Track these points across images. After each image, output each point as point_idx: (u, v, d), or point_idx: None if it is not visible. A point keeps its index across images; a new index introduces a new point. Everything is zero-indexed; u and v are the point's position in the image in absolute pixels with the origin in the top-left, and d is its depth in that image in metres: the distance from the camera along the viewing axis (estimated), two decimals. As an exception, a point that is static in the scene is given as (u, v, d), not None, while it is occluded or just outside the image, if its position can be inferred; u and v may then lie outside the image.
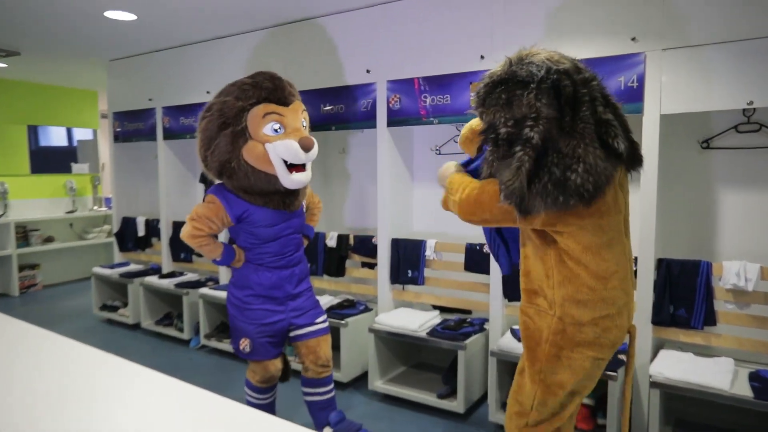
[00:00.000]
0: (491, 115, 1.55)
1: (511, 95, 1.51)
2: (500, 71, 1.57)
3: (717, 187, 2.65)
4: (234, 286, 2.37)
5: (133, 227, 4.84)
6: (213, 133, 2.21)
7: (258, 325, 2.33)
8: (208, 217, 2.21)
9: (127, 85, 4.74)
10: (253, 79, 2.25)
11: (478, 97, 1.60)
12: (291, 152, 2.18)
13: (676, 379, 2.31)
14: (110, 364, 1.35)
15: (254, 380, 2.44)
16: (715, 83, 2.31)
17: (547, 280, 1.62)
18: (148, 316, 4.44)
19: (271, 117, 2.20)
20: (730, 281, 2.37)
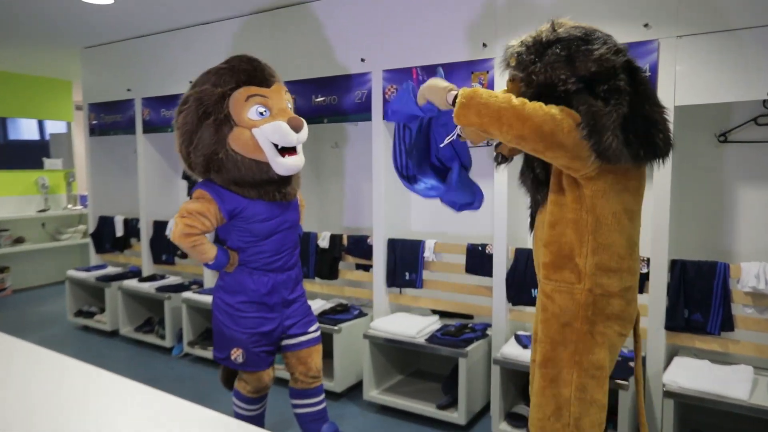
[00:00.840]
0: (545, 75, 1.57)
1: (575, 51, 1.55)
2: (545, 34, 1.61)
3: (735, 183, 2.65)
4: (224, 292, 2.33)
5: (111, 227, 4.81)
6: (193, 126, 2.19)
7: (252, 334, 2.29)
8: (200, 213, 2.17)
9: (103, 74, 4.71)
10: (228, 64, 2.24)
11: (525, 57, 1.61)
12: (281, 134, 2.16)
13: (691, 388, 2.31)
14: (86, 375, 1.34)
15: (245, 391, 2.43)
16: (733, 72, 2.31)
17: (580, 247, 1.61)
18: (127, 323, 4.42)
19: (255, 100, 2.18)
20: (748, 284, 2.37)
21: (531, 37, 1.64)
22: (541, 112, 1.50)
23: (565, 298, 1.63)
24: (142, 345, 4.30)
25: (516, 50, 1.66)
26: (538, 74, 1.58)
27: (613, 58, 1.55)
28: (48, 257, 6.30)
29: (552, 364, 1.66)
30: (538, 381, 1.69)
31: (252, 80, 2.21)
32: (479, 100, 1.53)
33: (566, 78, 1.54)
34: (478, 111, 1.53)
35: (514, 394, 2.87)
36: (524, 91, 1.63)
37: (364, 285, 3.62)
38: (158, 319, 4.36)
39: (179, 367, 3.87)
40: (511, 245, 2.92)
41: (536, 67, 1.59)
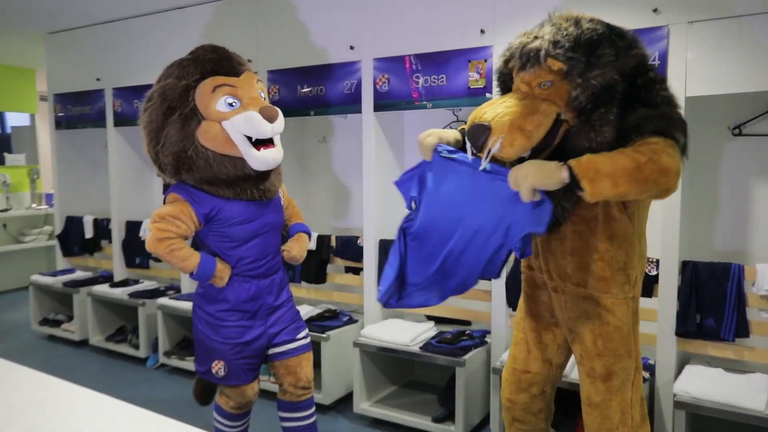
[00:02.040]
0: (603, 78, 1.64)
1: (617, 48, 1.66)
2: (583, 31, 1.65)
3: (750, 179, 2.67)
4: (203, 299, 2.30)
5: (79, 228, 4.77)
6: (159, 123, 2.16)
7: (234, 345, 2.27)
8: (174, 216, 2.13)
9: (70, 62, 4.67)
10: (193, 54, 2.22)
11: (576, 61, 1.64)
12: (253, 125, 2.12)
13: (703, 398, 2.33)
14: (53, 389, 1.33)
15: (227, 406, 2.41)
16: (747, 61, 2.32)
17: (632, 259, 1.81)
18: (97, 332, 4.39)
19: (222, 90, 2.15)
20: (764, 286, 2.40)
21: (565, 37, 1.65)
22: (668, 157, 1.59)
23: (623, 310, 1.83)
24: (113, 356, 4.27)
25: (554, 52, 1.64)
26: (597, 78, 1.63)
27: (646, 53, 1.74)
28: (10, 261, 6.23)
29: (616, 376, 1.84)
30: (601, 394, 1.85)
31: (218, 70, 2.18)
32: (605, 169, 1.55)
33: (619, 78, 1.65)
34: (615, 182, 1.56)
35: (516, 405, 2.88)
36: (577, 96, 1.65)
37: (354, 289, 3.62)
38: (131, 328, 4.33)
39: (155, 379, 3.85)
40: (512, 246, 2.92)
41: (595, 71, 1.63)
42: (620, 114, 1.65)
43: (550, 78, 1.68)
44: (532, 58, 1.67)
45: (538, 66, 1.67)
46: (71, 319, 4.63)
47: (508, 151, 1.68)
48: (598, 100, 1.64)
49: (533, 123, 1.67)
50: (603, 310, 1.82)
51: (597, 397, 1.86)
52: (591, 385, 1.87)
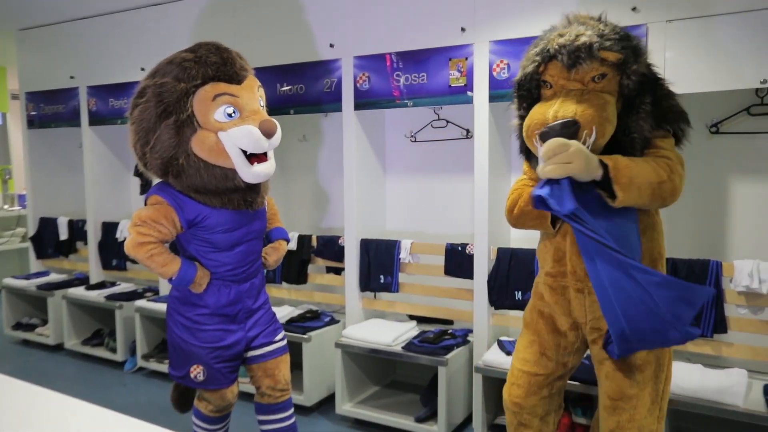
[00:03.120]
0: (642, 65, 1.80)
1: (638, 47, 1.82)
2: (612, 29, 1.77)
3: (727, 176, 2.72)
4: (180, 303, 2.26)
5: (54, 229, 4.71)
6: (151, 124, 2.08)
7: (213, 349, 2.24)
8: (155, 220, 2.08)
9: (42, 59, 4.60)
10: (195, 53, 2.11)
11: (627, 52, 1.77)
12: (251, 140, 2.07)
13: (683, 394, 2.37)
14: (27, 394, 1.30)
15: (206, 410, 2.39)
16: (724, 60, 2.36)
17: (662, 248, 1.92)
18: (72, 335, 4.34)
19: (223, 99, 2.08)
20: (742, 283, 2.44)
21: (604, 29, 1.76)
22: (681, 179, 1.77)
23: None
24: (90, 360, 4.22)
25: (607, 45, 1.72)
26: (642, 66, 1.79)
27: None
28: (-18, 264, 6.13)
29: (649, 366, 1.86)
30: (638, 385, 1.86)
31: (221, 75, 2.10)
32: (636, 182, 1.67)
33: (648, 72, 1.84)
34: (639, 193, 1.68)
35: (498, 404, 2.90)
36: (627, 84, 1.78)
37: (335, 290, 3.61)
38: (108, 331, 4.28)
39: (133, 383, 3.81)
40: (493, 245, 2.94)
41: (639, 59, 1.79)
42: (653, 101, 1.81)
43: (603, 70, 1.76)
44: (585, 53, 1.72)
45: (591, 60, 1.73)
46: (46, 323, 4.58)
47: (600, 142, 1.74)
48: (644, 87, 1.79)
49: (610, 111, 1.75)
50: None
51: (632, 389, 1.86)
52: (625, 378, 1.87)
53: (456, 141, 3.29)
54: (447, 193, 3.41)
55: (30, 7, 4.09)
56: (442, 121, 3.30)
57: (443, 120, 3.30)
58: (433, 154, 3.42)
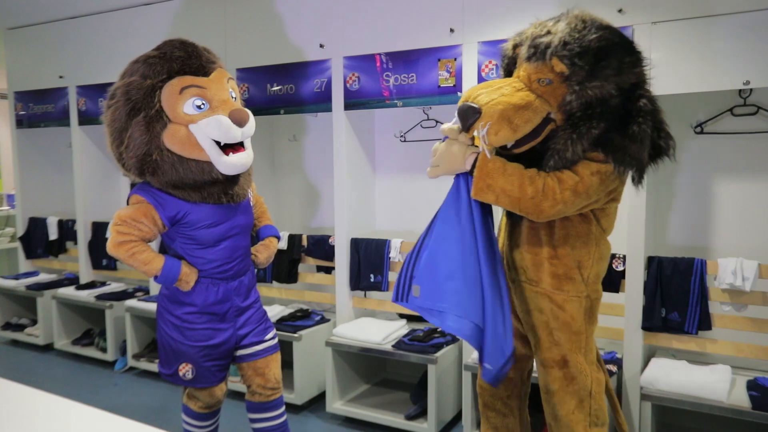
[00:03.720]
0: (601, 90, 1.67)
1: (622, 63, 1.69)
2: (594, 38, 1.67)
3: (711, 176, 2.75)
4: (169, 301, 2.26)
5: (43, 229, 4.68)
6: (123, 123, 2.08)
7: (202, 348, 2.24)
8: (135, 219, 2.07)
9: (31, 58, 4.56)
10: (159, 50, 2.12)
11: (579, 68, 1.66)
12: (222, 130, 2.05)
13: (668, 390, 2.40)
14: (17, 395, 1.30)
15: (195, 407, 2.39)
16: (709, 61, 2.39)
17: (588, 259, 1.86)
18: (63, 335, 4.31)
19: (190, 91, 2.06)
20: (726, 280, 2.47)
21: (576, 39, 1.66)
22: (555, 202, 1.71)
23: (575, 307, 1.86)
24: (80, 360, 4.20)
25: (561, 53, 1.67)
26: (594, 89, 1.66)
27: (647, 72, 1.76)
28: (-29, 264, 6.09)
29: (572, 364, 1.88)
30: (558, 381, 1.90)
31: (186, 69, 2.09)
32: (495, 188, 1.73)
33: (614, 92, 1.67)
34: (497, 199, 1.76)
35: (487, 401, 2.92)
36: (570, 101, 1.69)
37: (325, 288, 3.61)
38: (99, 331, 4.27)
39: (123, 382, 3.79)
40: (483, 244, 2.95)
41: (594, 82, 1.66)
42: (607, 128, 1.69)
43: (550, 77, 1.72)
44: (539, 53, 1.70)
45: (542, 61, 1.70)
46: (35, 323, 4.54)
47: (492, 138, 1.73)
48: (590, 109, 1.68)
49: (522, 118, 1.72)
50: (554, 306, 1.87)
51: (554, 384, 1.90)
52: (547, 373, 1.91)
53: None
54: (436, 193, 3.40)
55: (18, 6, 4.06)
56: (432, 121, 3.32)
57: (433, 120, 3.31)
58: (423, 153, 3.43)
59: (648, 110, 1.73)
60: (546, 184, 1.71)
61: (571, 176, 1.72)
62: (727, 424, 2.67)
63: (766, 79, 2.30)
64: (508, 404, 2.11)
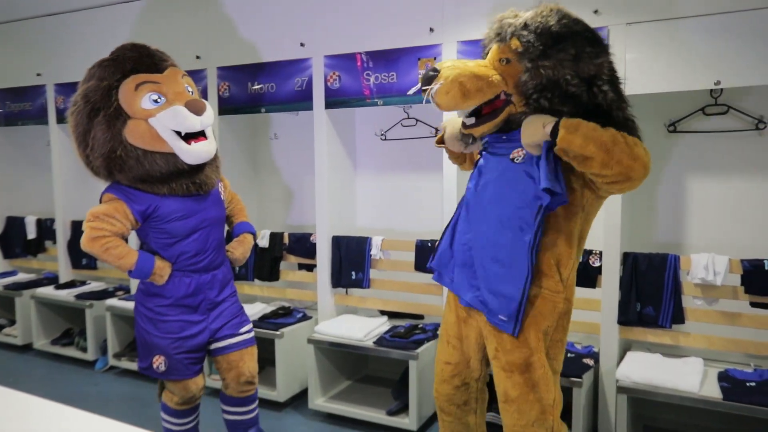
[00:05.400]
0: (554, 71, 1.67)
1: (581, 52, 1.68)
2: (552, 22, 1.68)
3: (685, 173, 2.80)
4: (144, 295, 2.30)
5: (21, 229, 4.63)
6: (85, 126, 2.15)
7: (174, 339, 2.27)
8: (107, 214, 2.12)
9: (7, 56, 4.48)
10: (113, 54, 2.22)
11: (533, 46, 1.67)
12: (179, 119, 2.11)
13: (643, 382, 2.44)
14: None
15: (172, 403, 2.39)
16: (681, 61, 2.43)
17: (567, 259, 1.80)
18: (41, 335, 4.25)
19: (146, 87, 2.13)
20: (698, 275, 2.52)
21: (537, 22, 1.69)
22: (646, 154, 1.65)
23: (547, 306, 1.79)
24: (60, 359, 4.15)
25: (520, 32, 1.70)
26: (547, 69, 1.67)
27: (611, 65, 1.75)
28: (-53, 264, 5.96)
29: (534, 369, 1.79)
30: (519, 388, 1.79)
31: (139, 68, 2.17)
32: (587, 127, 1.62)
33: (571, 78, 1.67)
34: (586, 136, 1.61)
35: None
36: (525, 81, 1.71)
37: (307, 286, 3.61)
38: (78, 330, 4.22)
39: (104, 382, 3.75)
40: (462, 241, 2.97)
41: (546, 62, 1.67)
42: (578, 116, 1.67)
43: (509, 56, 1.75)
44: (502, 33, 1.76)
45: (503, 42, 1.76)
46: (13, 323, 4.48)
47: (442, 98, 1.75)
48: (544, 91, 1.69)
49: (475, 85, 1.74)
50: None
51: (514, 391, 1.80)
52: (507, 379, 1.81)
53: (425, 139, 3.32)
54: (416, 191, 3.44)
55: (-6, 3, 3.99)
56: (412, 120, 3.33)
57: (413, 119, 3.32)
58: (403, 152, 3.44)
59: (611, 99, 1.72)
60: (625, 134, 1.65)
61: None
62: (699, 414, 2.72)
63: (736, 79, 2.35)
64: (464, 409, 2.05)
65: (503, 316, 1.78)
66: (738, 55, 2.33)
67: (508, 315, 1.77)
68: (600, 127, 1.64)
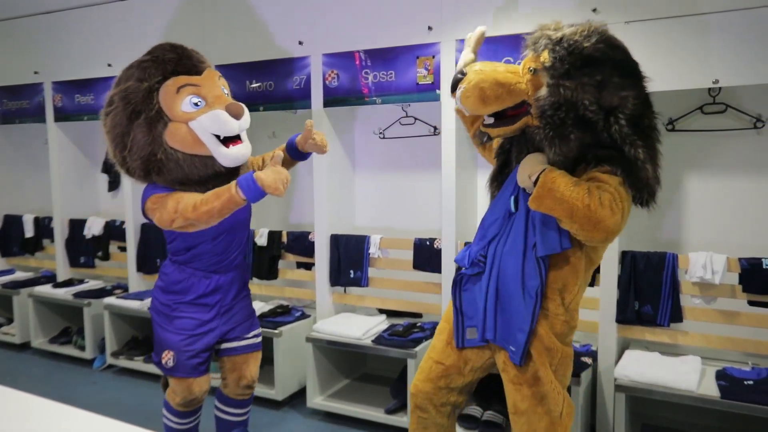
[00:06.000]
0: (574, 92, 1.67)
1: (607, 80, 1.67)
2: (589, 46, 1.67)
3: (683, 172, 2.80)
4: (162, 291, 2.30)
5: (19, 227, 4.62)
6: (124, 128, 2.12)
7: (186, 336, 2.27)
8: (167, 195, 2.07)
9: (5, 54, 4.47)
10: (151, 54, 2.18)
11: (560, 63, 1.67)
12: (220, 123, 2.11)
13: (641, 381, 2.44)
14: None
15: (174, 402, 2.39)
16: (680, 60, 2.43)
17: (573, 285, 1.82)
18: (39, 334, 4.25)
19: (187, 90, 2.12)
20: (696, 274, 2.52)
21: (573, 40, 1.68)
22: (611, 217, 1.64)
23: (544, 326, 1.82)
24: (58, 358, 4.14)
25: (553, 46, 1.70)
26: (567, 90, 1.67)
27: (637, 102, 1.71)
28: (-56, 262, 5.95)
29: (542, 382, 1.83)
30: (528, 400, 1.83)
31: (180, 69, 2.14)
32: (555, 195, 1.66)
33: (589, 104, 1.66)
34: (552, 207, 1.68)
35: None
36: (544, 95, 1.71)
37: (306, 285, 3.61)
38: (77, 329, 4.21)
39: (102, 381, 3.75)
40: (460, 239, 2.98)
41: (568, 82, 1.67)
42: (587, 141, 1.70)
43: (537, 66, 1.76)
44: (536, 43, 1.76)
45: (535, 52, 1.76)
46: (11, 321, 4.47)
47: (465, 101, 1.80)
48: (559, 110, 1.68)
49: (495, 92, 1.76)
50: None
51: (523, 403, 1.85)
52: (516, 392, 1.86)
53: (424, 138, 3.32)
54: (415, 189, 3.43)
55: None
56: (410, 118, 3.32)
57: (411, 117, 3.32)
58: (402, 150, 3.44)
59: (625, 134, 1.69)
60: (596, 191, 1.66)
61: (607, 187, 1.69)
62: (697, 413, 2.73)
63: (734, 78, 2.36)
64: (441, 411, 2.04)
65: (512, 347, 1.85)
66: (736, 54, 2.33)
67: (516, 346, 1.83)
68: (574, 186, 1.66)
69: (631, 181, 1.72)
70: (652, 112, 1.80)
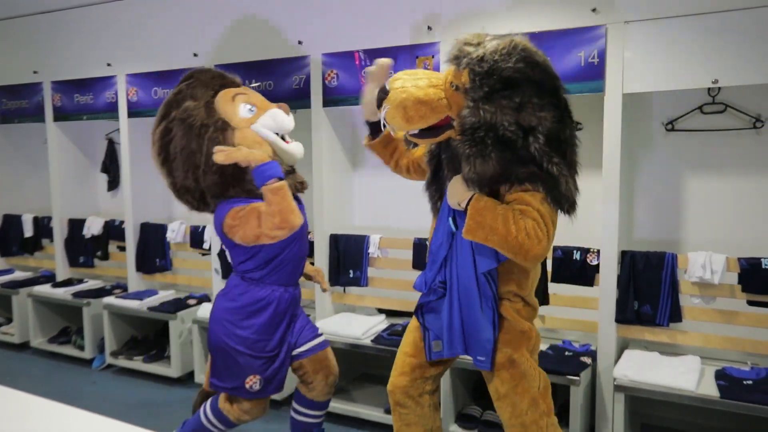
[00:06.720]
0: (493, 115, 1.68)
1: (526, 101, 1.69)
2: (508, 67, 1.68)
3: (682, 172, 2.80)
4: (236, 315, 2.24)
5: (18, 227, 4.62)
6: (194, 146, 2.15)
7: (269, 358, 2.28)
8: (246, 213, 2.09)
9: (4, 53, 4.47)
10: (191, 79, 2.27)
11: (479, 86, 1.70)
12: (278, 121, 2.24)
13: (640, 381, 2.44)
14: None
15: (240, 419, 2.35)
16: (679, 60, 2.43)
17: (526, 280, 1.92)
18: (39, 334, 4.25)
19: (240, 98, 2.24)
20: (695, 274, 2.52)
21: (493, 61, 1.69)
22: (537, 245, 1.71)
23: (510, 308, 1.92)
24: (57, 358, 4.14)
25: (473, 66, 1.71)
26: (486, 112, 1.69)
27: (556, 125, 1.73)
28: (-57, 262, 5.94)
29: (519, 362, 1.91)
30: (507, 383, 1.91)
31: (225, 83, 2.28)
32: (485, 228, 1.73)
33: (508, 125, 1.68)
34: (484, 238, 1.75)
35: (465, 394, 2.94)
36: (465, 115, 1.73)
37: (305, 284, 3.58)
38: (76, 329, 4.21)
39: (102, 380, 3.75)
40: (460, 239, 2.97)
41: (487, 105, 1.68)
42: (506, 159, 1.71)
43: (459, 84, 1.77)
44: (458, 59, 1.77)
45: (457, 68, 1.77)
46: (10, 321, 4.47)
47: (391, 121, 1.82)
48: (479, 129, 1.70)
49: (418, 112, 1.78)
50: (506, 311, 1.92)
51: (503, 387, 1.92)
52: (495, 377, 1.93)
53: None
54: (415, 188, 3.41)
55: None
56: (410, 118, 3.32)
57: (411, 117, 3.32)
58: (401, 150, 3.43)
59: (543, 152, 1.70)
60: (521, 221, 1.71)
61: (531, 212, 1.74)
62: (696, 412, 2.73)
63: (733, 78, 2.36)
64: (420, 402, 2.10)
65: (481, 357, 1.93)
66: (736, 54, 2.33)
67: (484, 355, 1.92)
68: (502, 217, 1.71)
69: (553, 195, 1.76)
70: (571, 122, 1.83)
